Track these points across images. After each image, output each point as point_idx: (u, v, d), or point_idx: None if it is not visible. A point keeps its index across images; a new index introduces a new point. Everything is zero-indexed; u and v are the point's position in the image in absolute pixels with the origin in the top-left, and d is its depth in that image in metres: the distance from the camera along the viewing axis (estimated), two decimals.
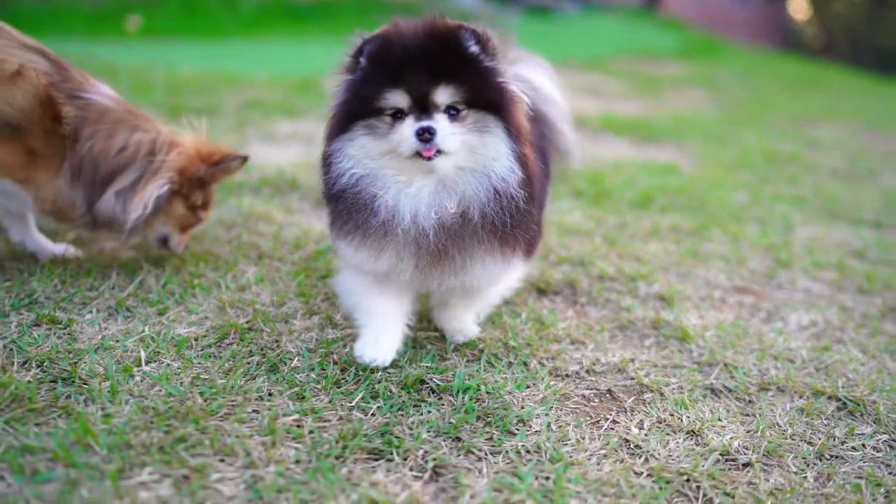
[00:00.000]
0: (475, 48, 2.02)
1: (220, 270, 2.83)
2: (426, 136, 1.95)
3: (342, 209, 2.11)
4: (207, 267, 2.84)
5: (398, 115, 2.01)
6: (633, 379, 2.38)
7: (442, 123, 1.98)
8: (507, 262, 2.17)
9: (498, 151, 2.04)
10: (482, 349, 2.44)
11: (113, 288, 2.60)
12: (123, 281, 2.66)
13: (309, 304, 2.63)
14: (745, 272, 3.46)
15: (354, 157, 2.07)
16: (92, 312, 2.43)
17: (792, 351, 2.68)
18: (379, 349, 2.24)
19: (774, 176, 5.58)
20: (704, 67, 12.89)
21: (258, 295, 2.67)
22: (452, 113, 2.01)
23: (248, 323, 2.45)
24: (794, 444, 2.13)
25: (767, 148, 6.62)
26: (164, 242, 2.85)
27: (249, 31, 11.58)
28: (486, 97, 2.03)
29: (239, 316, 2.49)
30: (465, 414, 2.07)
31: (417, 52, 1.99)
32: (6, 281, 2.57)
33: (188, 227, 2.84)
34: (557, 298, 2.96)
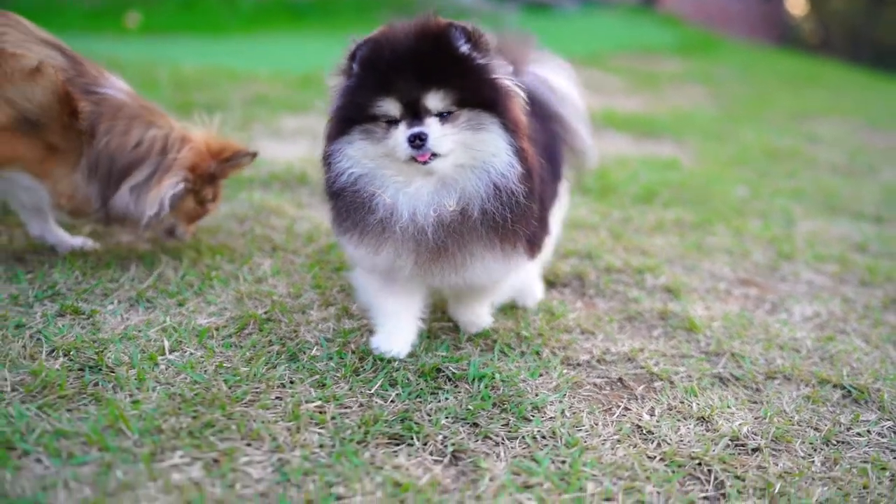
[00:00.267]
0: (466, 47, 2.02)
1: (236, 263, 2.88)
2: (418, 142, 1.97)
3: (342, 206, 2.15)
4: (224, 259, 2.89)
5: (392, 120, 2.03)
6: (642, 368, 2.44)
7: (433, 127, 1.99)
8: (507, 258, 2.17)
9: (496, 147, 2.04)
10: (495, 339, 2.49)
11: (133, 280, 2.65)
12: (142, 273, 2.71)
13: (325, 295, 2.69)
14: (748, 265, 3.52)
15: (353, 157, 2.09)
16: (113, 303, 2.48)
17: (797, 341, 2.74)
18: (394, 343, 2.31)
19: (774, 171, 5.64)
20: (702, 63, 12.94)
21: (275, 286, 2.72)
22: (445, 115, 2.01)
23: (266, 313, 2.50)
24: (801, 429, 2.19)
25: (766, 144, 6.68)
26: (170, 233, 2.90)
27: (249, 27, 11.59)
28: (479, 95, 2.03)
29: (257, 307, 2.55)
30: (481, 401, 2.13)
31: (407, 56, 1.99)
32: (28, 273, 2.62)
33: (196, 218, 2.91)
34: (566, 290, 3.01)
